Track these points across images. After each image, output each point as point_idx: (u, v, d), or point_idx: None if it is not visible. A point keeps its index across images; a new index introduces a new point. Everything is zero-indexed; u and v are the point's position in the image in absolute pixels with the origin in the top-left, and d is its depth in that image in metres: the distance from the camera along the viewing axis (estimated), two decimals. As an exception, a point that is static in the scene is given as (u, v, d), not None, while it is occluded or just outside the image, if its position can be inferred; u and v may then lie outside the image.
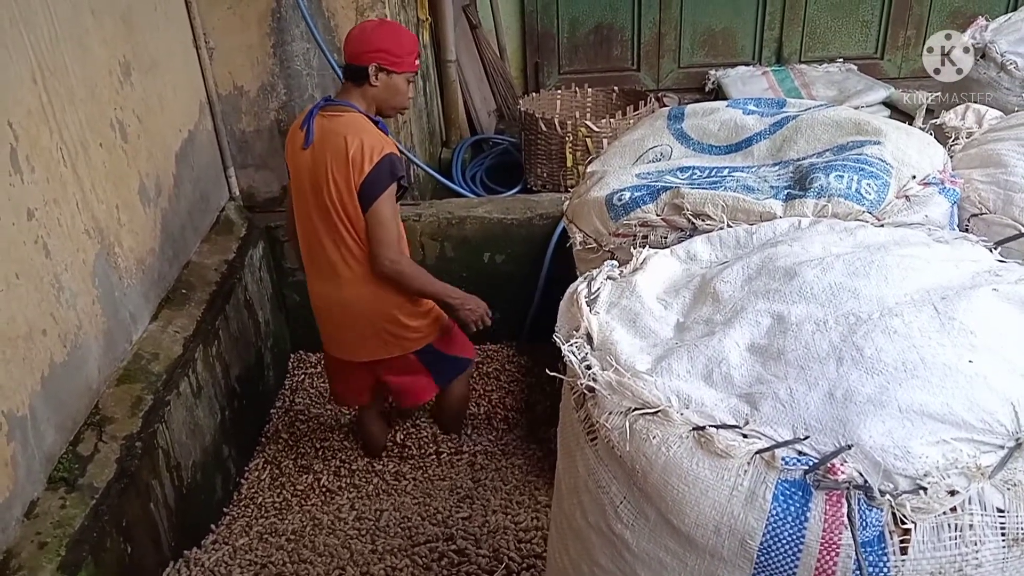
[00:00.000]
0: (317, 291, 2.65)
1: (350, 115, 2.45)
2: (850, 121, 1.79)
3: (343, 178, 2.41)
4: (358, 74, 2.45)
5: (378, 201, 2.41)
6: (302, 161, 2.49)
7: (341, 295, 2.57)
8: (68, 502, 2.07)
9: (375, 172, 2.38)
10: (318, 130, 2.46)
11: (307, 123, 2.47)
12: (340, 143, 2.39)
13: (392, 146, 2.46)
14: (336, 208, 2.45)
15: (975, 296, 1.17)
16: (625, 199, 1.72)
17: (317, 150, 2.45)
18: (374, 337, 2.62)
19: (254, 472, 2.96)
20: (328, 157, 2.42)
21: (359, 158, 2.38)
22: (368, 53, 2.42)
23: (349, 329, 2.64)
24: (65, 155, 2.25)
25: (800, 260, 1.30)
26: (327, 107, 2.49)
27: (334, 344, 2.74)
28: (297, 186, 2.56)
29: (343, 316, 2.62)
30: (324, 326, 2.72)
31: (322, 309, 2.67)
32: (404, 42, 2.47)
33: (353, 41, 2.46)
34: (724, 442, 1.05)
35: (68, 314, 2.22)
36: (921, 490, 0.98)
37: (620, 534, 1.14)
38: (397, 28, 2.55)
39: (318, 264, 2.58)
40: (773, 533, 1.01)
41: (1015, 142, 1.82)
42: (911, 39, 4.56)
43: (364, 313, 2.58)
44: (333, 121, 2.45)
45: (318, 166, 2.44)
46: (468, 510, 2.67)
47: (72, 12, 2.32)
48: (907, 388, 1.05)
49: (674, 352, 1.19)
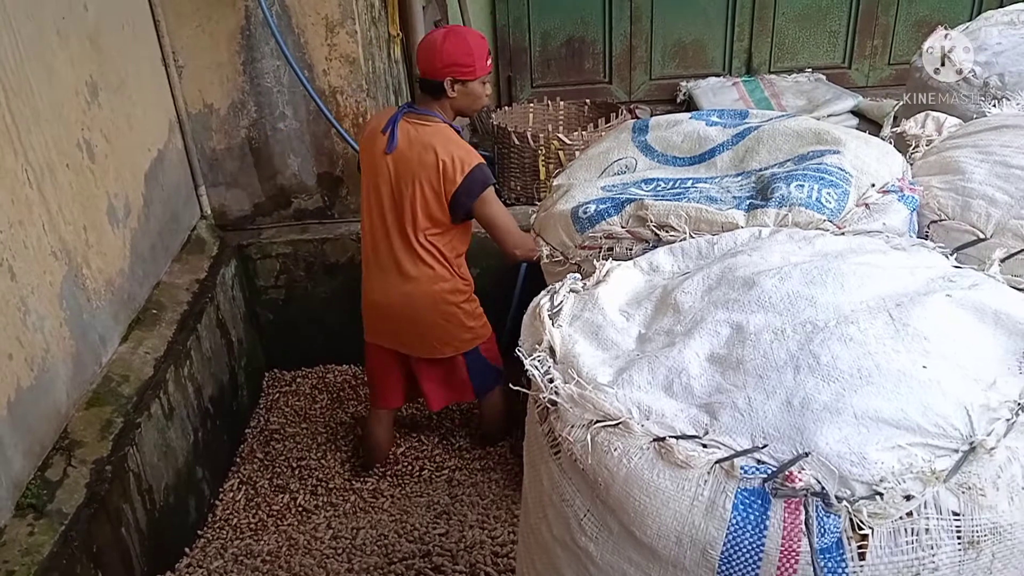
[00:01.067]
0: (379, 286, 2.73)
1: (436, 125, 2.57)
2: (810, 131, 1.81)
3: (432, 188, 2.53)
4: (434, 88, 2.55)
5: (478, 206, 2.55)
6: (382, 164, 2.60)
7: (407, 291, 2.66)
8: (36, 529, 2.03)
9: (467, 183, 2.51)
10: (403, 136, 2.55)
11: (391, 128, 2.56)
12: (430, 155, 2.52)
13: (479, 156, 2.59)
14: (416, 212, 2.57)
15: (929, 302, 1.19)
16: (590, 212, 1.73)
17: (402, 156, 2.56)
18: (433, 333, 2.71)
19: (229, 493, 2.93)
20: (416, 164, 2.53)
21: (451, 170, 2.50)
22: (440, 69, 2.51)
23: (409, 324, 2.72)
24: (31, 176, 2.23)
25: (759, 270, 1.32)
26: (411, 114, 2.59)
27: (391, 337, 2.79)
28: (370, 186, 2.66)
29: (404, 311, 2.69)
30: (380, 321, 2.79)
31: (381, 304, 2.74)
32: (473, 50, 2.53)
33: (425, 58, 2.54)
34: (684, 452, 1.05)
35: (35, 337, 2.20)
36: (877, 496, 0.99)
37: (584, 547, 1.14)
38: (464, 36, 2.57)
39: (382, 261, 2.69)
40: (733, 542, 1.01)
41: (973, 149, 1.86)
42: (878, 48, 4.64)
43: (427, 310, 2.67)
44: (420, 130, 2.56)
45: (402, 171, 2.56)
46: (445, 526, 2.66)
47: (37, 32, 2.31)
48: (862, 395, 1.07)
49: (635, 364, 1.20)
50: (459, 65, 2.50)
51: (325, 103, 3.24)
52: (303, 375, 3.55)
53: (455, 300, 2.68)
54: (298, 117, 3.32)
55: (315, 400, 3.40)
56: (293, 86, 3.24)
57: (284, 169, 3.42)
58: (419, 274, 2.64)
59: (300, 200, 3.49)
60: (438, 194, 2.54)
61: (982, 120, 2.06)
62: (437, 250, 2.63)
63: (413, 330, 2.73)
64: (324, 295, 3.51)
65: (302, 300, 3.51)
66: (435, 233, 2.61)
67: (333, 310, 3.51)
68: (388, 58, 3.68)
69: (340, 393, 3.43)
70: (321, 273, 3.48)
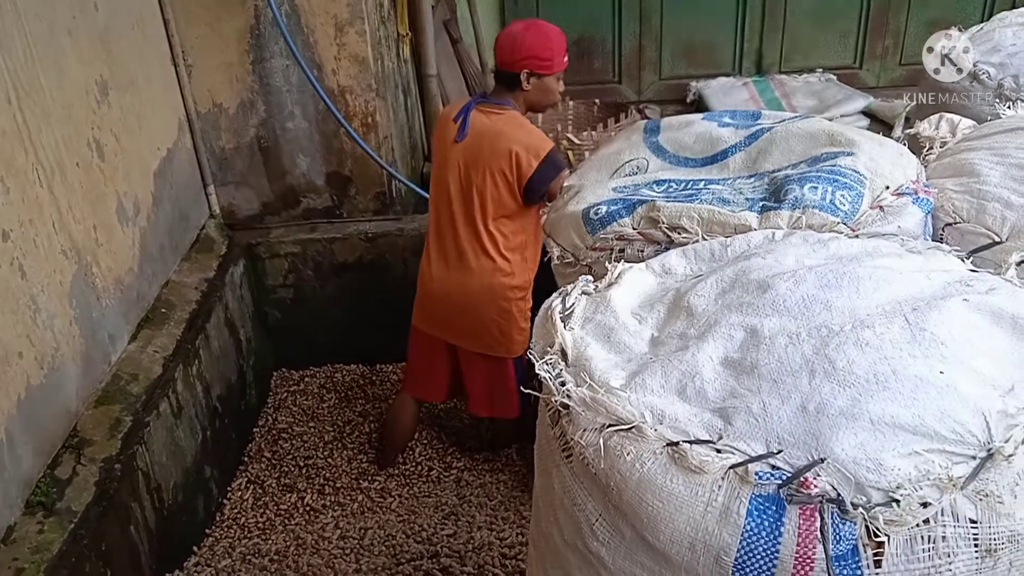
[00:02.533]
0: (438, 275, 2.72)
1: (509, 113, 2.57)
2: (823, 132, 1.80)
3: (503, 177, 2.53)
4: (510, 79, 2.55)
5: (553, 188, 2.52)
6: (452, 153, 2.60)
7: (466, 282, 2.66)
8: (46, 527, 2.04)
9: (541, 170, 2.51)
10: (475, 125, 2.56)
11: (463, 116, 2.57)
12: (503, 143, 2.51)
13: (551, 142, 2.58)
14: (485, 202, 2.57)
15: (946, 307, 1.18)
16: (602, 213, 1.72)
17: (472, 144, 2.56)
18: (487, 328, 2.70)
19: (237, 492, 2.93)
20: (487, 153, 2.53)
21: (525, 158, 2.50)
22: (518, 61, 2.51)
23: (465, 316, 2.71)
24: (41, 175, 2.24)
25: (773, 273, 1.31)
26: (483, 103, 2.59)
27: (443, 326, 2.78)
28: (439, 174, 2.67)
29: (463, 302, 2.68)
30: (435, 309, 2.77)
31: (438, 292, 2.73)
32: (552, 44, 2.54)
33: (503, 48, 2.55)
34: (698, 458, 1.04)
35: (45, 336, 2.20)
36: (894, 502, 0.98)
37: (596, 552, 1.13)
38: (545, 30, 2.58)
39: (445, 249, 2.69)
40: (747, 548, 1.01)
41: (988, 151, 1.84)
42: (889, 49, 4.61)
43: (485, 303, 2.66)
44: (492, 118, 2.56)
45: (473, 160, 2.56)
46: (453, 527, 2.65)
47: (48, 32, 2.31)
48: (879, 400, 1.05)
49: (648, 367, 1.19)
50: (537, 58, 2.50)
51: (334, 102, 3.24)
52: (311, 374, 3.54)
53: (512, 296, 2.66)
54: (307, 116, 3.32)
55: (323, 399, 3.40)
56: (302, 85, 3.24)
57: (293, 168, 3.41)
58: (480, 266, 2.64)
59: (309, 199, 3.48)
60: (510, 183, 2.54)
61: (997, 122, 2.04)
62: (503, 243, 2.62)
63: (467, 322, 2.72)
64: (333, 295, 3.51)
65: (311, 300, 3.51)
66: (504, 222, 2.61)
67: (341, 310, 3.51)
68: (397, 57, 3.68)
69: (348, 392, 3.43)
70: (330, 273, 3.48)
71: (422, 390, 2.96)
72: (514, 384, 2.78)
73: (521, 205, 2.59)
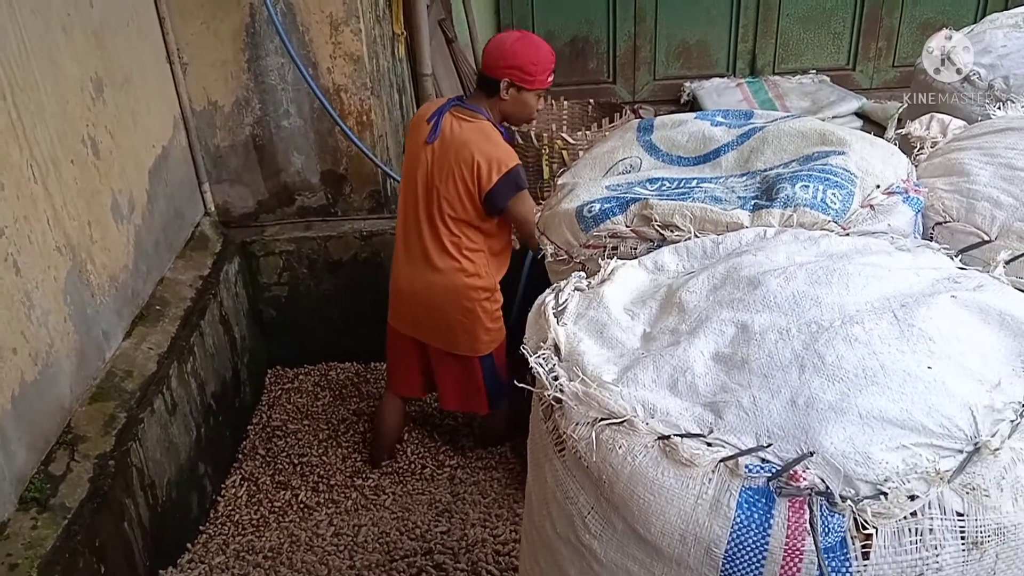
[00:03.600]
0: (405, 273, 2.76)
1: (480, 123, 2.59)
2: (815, 132, 1.81)
3: (464, 185, 2.56)
4: (490, 85, 2.57)
5: (511, 206, 2.58)
6: (422, 153, 2.63)
7: (430, 281, 2.69)
8: (40, 523, 2.04)
9: (501, 184, 2.54)
10: (446, 129, 2.59)
11: (436, 119, 2.60)
12: (468, 152, 2.54)
13: (515, 158, 2.61)
14: (446, 204, 2.60)
15: (934, 303, 1.19)
16: (595, 211, 1.73)
17: (441, 148, 2.59)
18: (452, 327, 2.73)
19: (231, 489, 2.94)
20: (452, 159, 2.57)
21: (486, 170, 2.53)
22: (502, 68, 2.53)
23: (431, 313, 2.74)
24: (36, 172, 2.24)
25: (764, 269, 1.32)
26: (457, 108, 2.61)
27: (412, 324, 2.82)
28: (409, 174, 2.70)
29: (428, 300, 2.72)
30: (404, 307, 2.81)
31: (406, 291, 2.77)
32: (540, 60, 2.55)
33: (491, 53, 2.57)
34: (689, 451, 1.05)
35: (39, 332, 2.20)
36: (882, 495, 0.99)
37: (588, 545, 1.14)
38: (536, 45, 2.59)
39: (411, 248, 2.73)
40: (737, 540, 1.02)
41: (978, 151, 1.85)
42: (882, 50, 4.64)
43: (449, 302, 2.69)
44: (463, 125, 2.59)
45: (440, 163, 2.59)
46: (447, 524, 2.66)
47: (43, 28, 2.32)
48: (867, 395, 1.07)
49: (640, 362, 1.20)
50: (521, 70, 2.52)
51: (329, 101, 3.24)
52: (305, 372, 3.55)
53: (477, 297, 2.69)
54: (302, 115, 3.32)
55: (317, 397, 3.40)
56: (297, 84, 3.25)
57: (288, 167, 3.42)
58: (445, 266, 2.67)
59: (303, 198, 3.49)
60: (471, 192, 2.57)
61: (987, 122, 2.05)
62: (465, 244, 2.65)
63: (433, 321, 2.75)
64: (327, 293, 3.51)
65: (305, 297, 3.52)
66: (464, 226, 2.63)
67: (336, 308, 3.52)
68: (392, 56, 3.68)
69: (342, 391, 3.44)
70: (324, 271, 3.48)
71: (401, 387, 2.99)
72: (482, 382, 2.82)
73: (483, 215, 2.61)
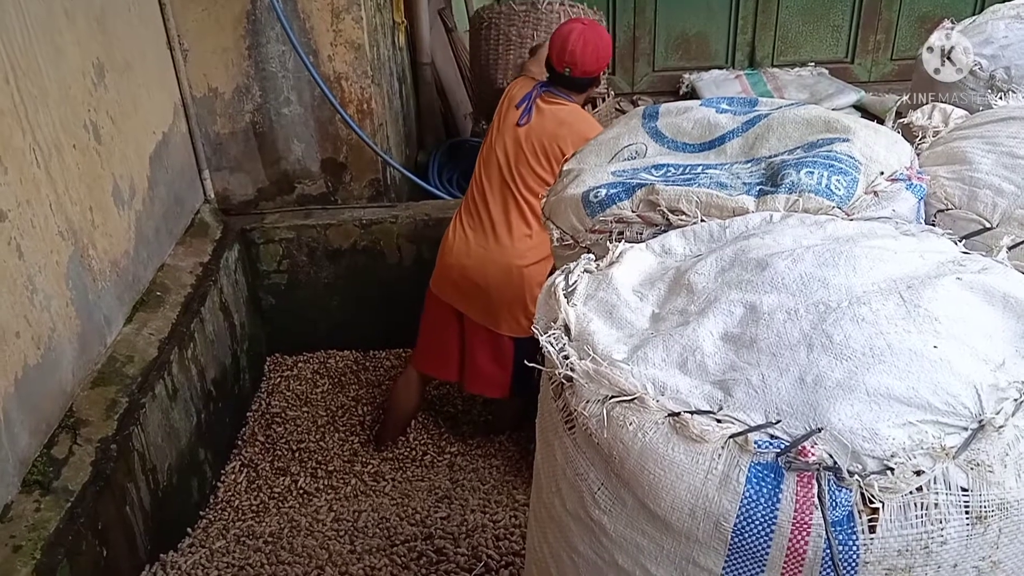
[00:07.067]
0: (460, 244, 2.78)
1: (571, 106, 2.72)
2: (820, 119, 1.82)
3: (559, 162, 2.55)
4: (586, 84, 2.73)
5: None
6: (510, 134, 2.72)
7: (489, 255, 2.73)
8: (43, 505, 2.05)
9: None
10: (538, 113, 2.70)
11: (526, 103, 2.71)
12: (564, 131, 2.63)
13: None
14: (528, 183, 2.68)
15: (939, 285, 1.20)
16: (601, 196, 1.74)
17: (533, 130, 2.69)
18: (498, 304, 2.75)
19: (231, 475, 2.94)
20: (545, 139, 2.68)
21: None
22: (603, 69, 2.74)
23: (479, 286, 2.75)
24: (38, 156, 2.24)
25: (772, 252, 1.33)
26: (547, 94, 2.74)
27: (457, 294, 2.82)
28: (491, 149, 2.77)
29: (480, 274, 2.74)
30: (455, 274, 2.80)
31: (461, 258, 2.77)
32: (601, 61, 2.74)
33: (589, 60, 2.68)
34: (699, 427, 1.07)
35: (42, 316, 2.20)
36: (888, 471, 1.00)
37: (598, 520, 1.16)
38: (605, 32, 2.80)
39: (478, 220, 2.76)
40: (746, 514, 1.03)
41: (979, 140, 1.87)
42: (881, 43, 4.66)
43: (499, 280, 2.72)
44: (555, 109, 2.70)
45: (529, 142, 2.68)
46: (447, 510, 2.67)
47: (45, 13, 2.31)
48: (874, 373, 1.08)
49: (650, 342, 1.21)
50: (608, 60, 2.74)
51: (330, 89, 3.24)
52: (304, 360, 3.56)
53: (529, 280, 2.70)
54: (303, 102, 3.32)
55: (316, 385, 3.41)
56: (298, 71, 3.25)
57: (288, 154, 3.42)
58: (507, 244, 2.71)
59: (304, 185, 3.49)
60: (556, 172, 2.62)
61: (989, 112, 2.07)
62: (534, 229, 2.69)
63: (480, 294, 2.77)
64: (326, 280, 3.52)
65: (304, 285, 3.52)
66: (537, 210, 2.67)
67: (335, 296, 3.53)
68: (393, 45, 3.69)
69: (341, 378, 3.45)
70: (324, 259, 3.49)
71: (428, 363, 2.96)
72: (511, 364, 2.81)
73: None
